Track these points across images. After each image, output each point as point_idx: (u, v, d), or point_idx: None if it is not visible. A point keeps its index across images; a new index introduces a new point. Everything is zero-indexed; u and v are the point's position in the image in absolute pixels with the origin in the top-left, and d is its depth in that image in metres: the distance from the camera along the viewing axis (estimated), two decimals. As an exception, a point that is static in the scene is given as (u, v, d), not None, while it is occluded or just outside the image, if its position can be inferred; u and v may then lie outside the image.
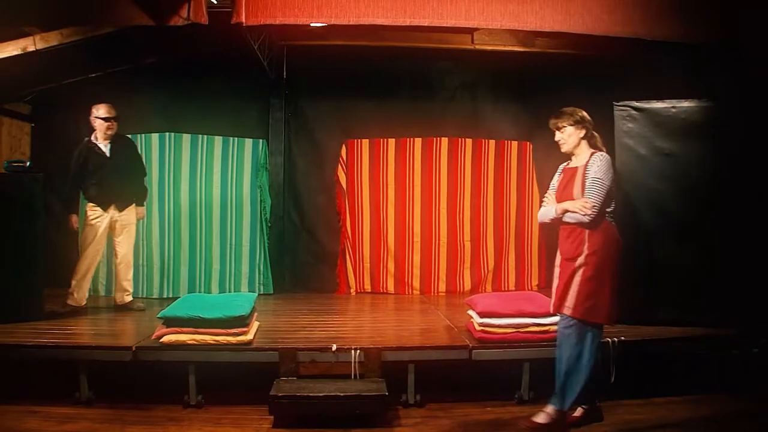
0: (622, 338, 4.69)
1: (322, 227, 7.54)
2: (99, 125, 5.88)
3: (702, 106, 5.19)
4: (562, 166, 4.25)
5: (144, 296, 6.90)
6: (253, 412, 4.41)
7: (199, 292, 6.91)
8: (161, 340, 4.56)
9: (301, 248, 7.51)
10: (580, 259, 3.93)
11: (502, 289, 7.48)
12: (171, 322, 4.59)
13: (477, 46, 6.77)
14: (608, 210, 3.98)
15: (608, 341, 4.60)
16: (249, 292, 6.80)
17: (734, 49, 5.19)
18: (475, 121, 7.60)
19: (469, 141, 7.51)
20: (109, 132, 5.92)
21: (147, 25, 4.65)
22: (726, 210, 5.10)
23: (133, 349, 4.58)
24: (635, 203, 5.22)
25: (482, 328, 4.73)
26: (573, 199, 3.97)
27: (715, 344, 4.88)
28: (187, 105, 7.17)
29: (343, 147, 7.41)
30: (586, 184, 3.92)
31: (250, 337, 4.69)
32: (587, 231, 3.92)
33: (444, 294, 7.43)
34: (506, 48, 6.78)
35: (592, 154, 4.03)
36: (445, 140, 7.47)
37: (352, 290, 7.42)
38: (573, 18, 4.71)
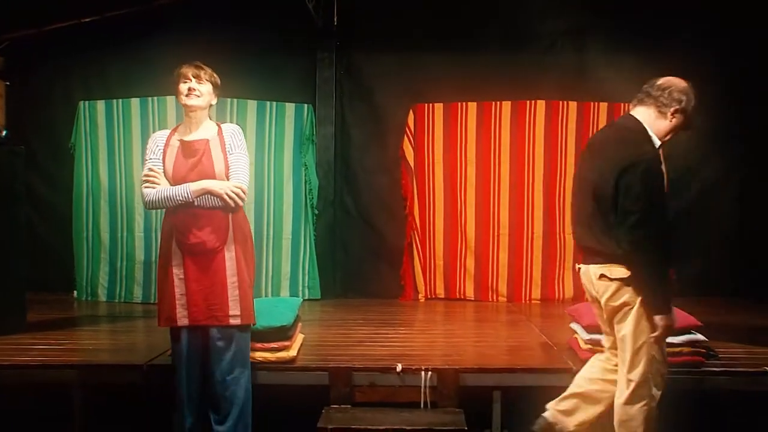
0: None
1: (383, 215, 7.58)
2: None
3: None
4: (166, 138, 4.19)
5: (156, 302, 6.92)
6: (296, 447, 4.36)
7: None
8: (181, 356, 4.57)
9: (357, 242, 7.54)
10: (230, 250, 4.13)
11: (616, 296, 7.40)
12: (193, 334, 4.62)
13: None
14: None
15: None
16: (291, 296, 6.87)
17: None
18: (581, 78, 7.45)
19: (573, 105, 7.39)
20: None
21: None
22: None
23: (145, 368, 4.58)
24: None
25: (590, 346, 4.65)
26: (214, 179, 4.10)
27: None
28: (211, 60, 6.90)
29: (411, 113, 7.40)
30: (230, 161, 4.15)
31: (293, 353, 4.67)
32: (231, 215, 4.14)
33: (538, 302, 7.40)
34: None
35: (220, 126, 4.25)
36: (541, 103, 7.38)
37: (420, 296, 7.44)
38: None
